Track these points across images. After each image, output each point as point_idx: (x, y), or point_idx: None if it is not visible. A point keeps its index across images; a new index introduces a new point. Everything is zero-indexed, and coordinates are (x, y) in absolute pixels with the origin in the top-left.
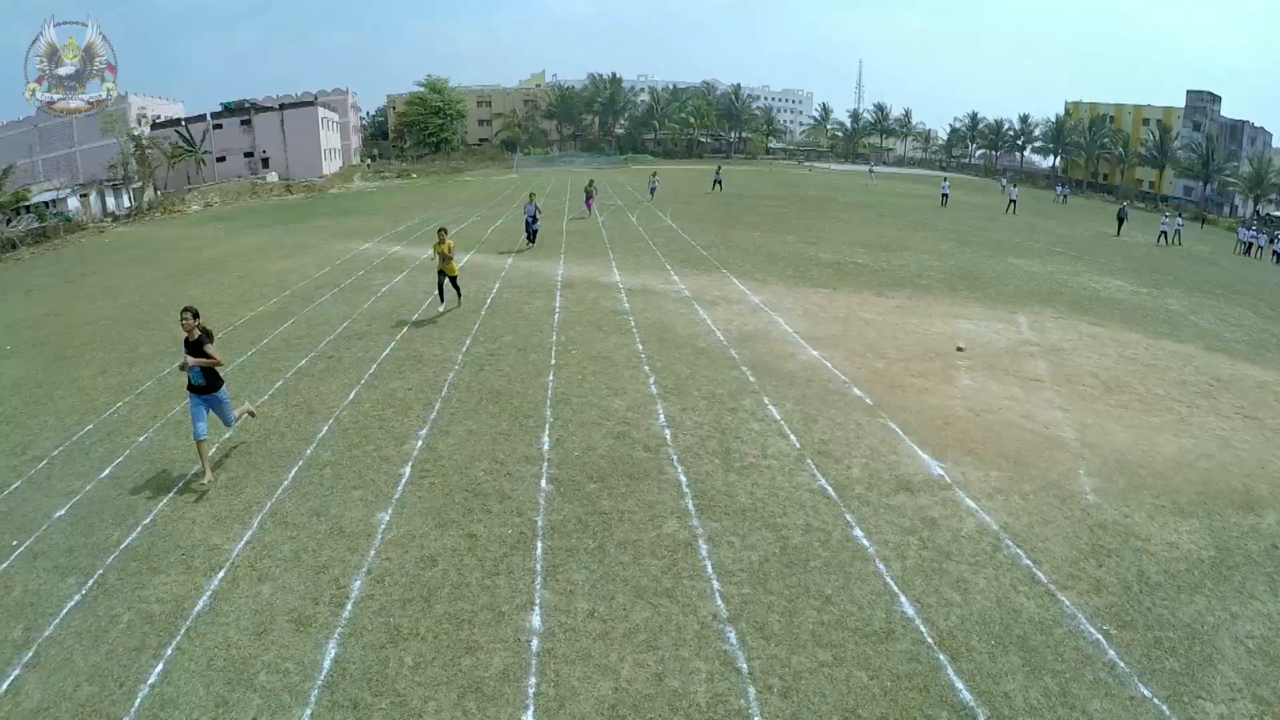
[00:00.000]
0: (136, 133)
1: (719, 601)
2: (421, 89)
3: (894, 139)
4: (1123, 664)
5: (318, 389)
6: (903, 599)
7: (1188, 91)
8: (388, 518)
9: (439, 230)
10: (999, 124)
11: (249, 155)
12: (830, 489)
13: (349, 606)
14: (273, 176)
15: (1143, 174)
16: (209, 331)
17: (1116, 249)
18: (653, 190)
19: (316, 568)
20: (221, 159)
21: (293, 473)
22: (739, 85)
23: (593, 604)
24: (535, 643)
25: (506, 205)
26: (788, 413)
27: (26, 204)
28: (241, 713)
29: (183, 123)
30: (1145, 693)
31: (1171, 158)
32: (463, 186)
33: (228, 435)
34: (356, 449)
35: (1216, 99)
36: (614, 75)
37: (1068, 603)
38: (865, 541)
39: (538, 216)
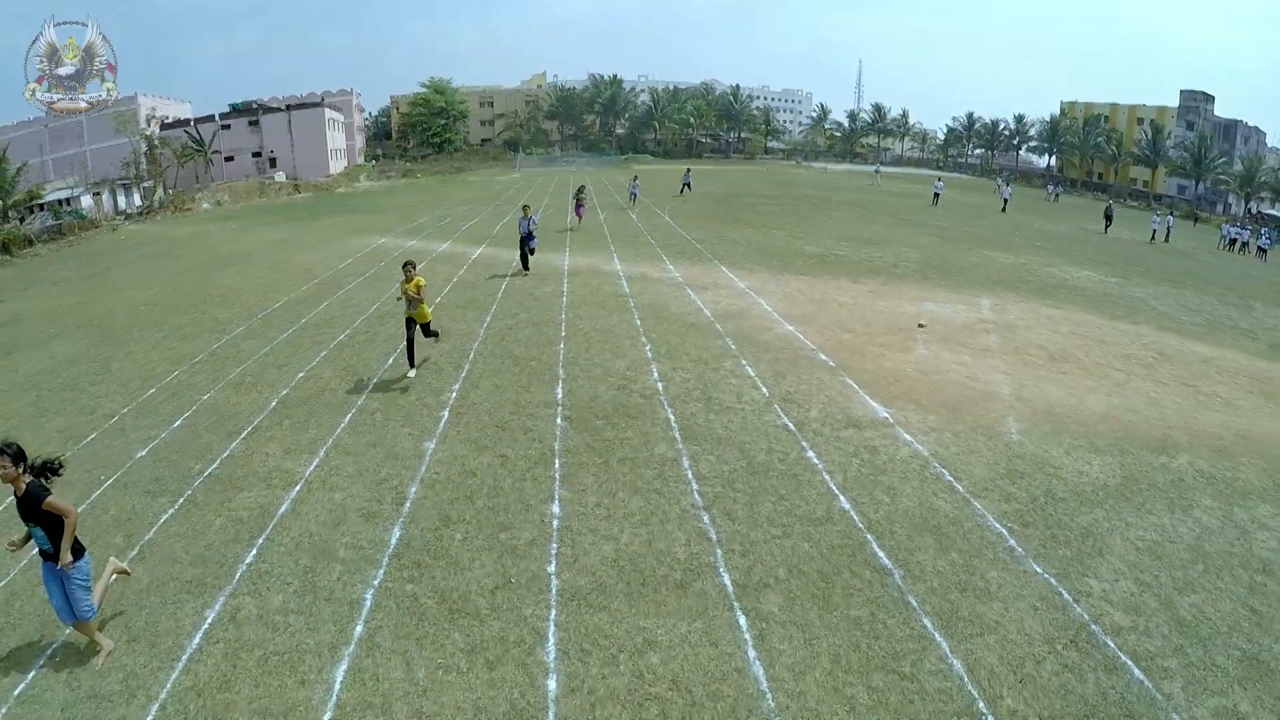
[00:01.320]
0: (148, 133)
1: (696, 496)
2: (425, 90)
3: (892, 139)
4: (1020, 549)
5: (360, 356)
6: (842, 498)
7: (1181, 91)
8: (433, 446)
9: (405, 266)
10: (995, 124)
11: (256, 155)
12: (791, 425)
13: (408, 504)
14: (280, 176)
15: (1137, 173)
16: (44, 469)
17: (1096, 244)
18: (634, 195)
19: (378, 480)
20: (229, 159)
21: (348, 417)
22: (737, 86)
23: (599, 498)
24: (555, 522)
25: (511, 204)
26: (761, 371)
27: (40, 202)
28: (326, 576)
29: (191, 123)
30: (1038, 569)
31: (1164, 157)
32: (467, 186)
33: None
34: (400, 399)
35: (1210, 98)
36: (614, 76)
37: (979, 506)
38: (815, 460)
39: (534, 234)
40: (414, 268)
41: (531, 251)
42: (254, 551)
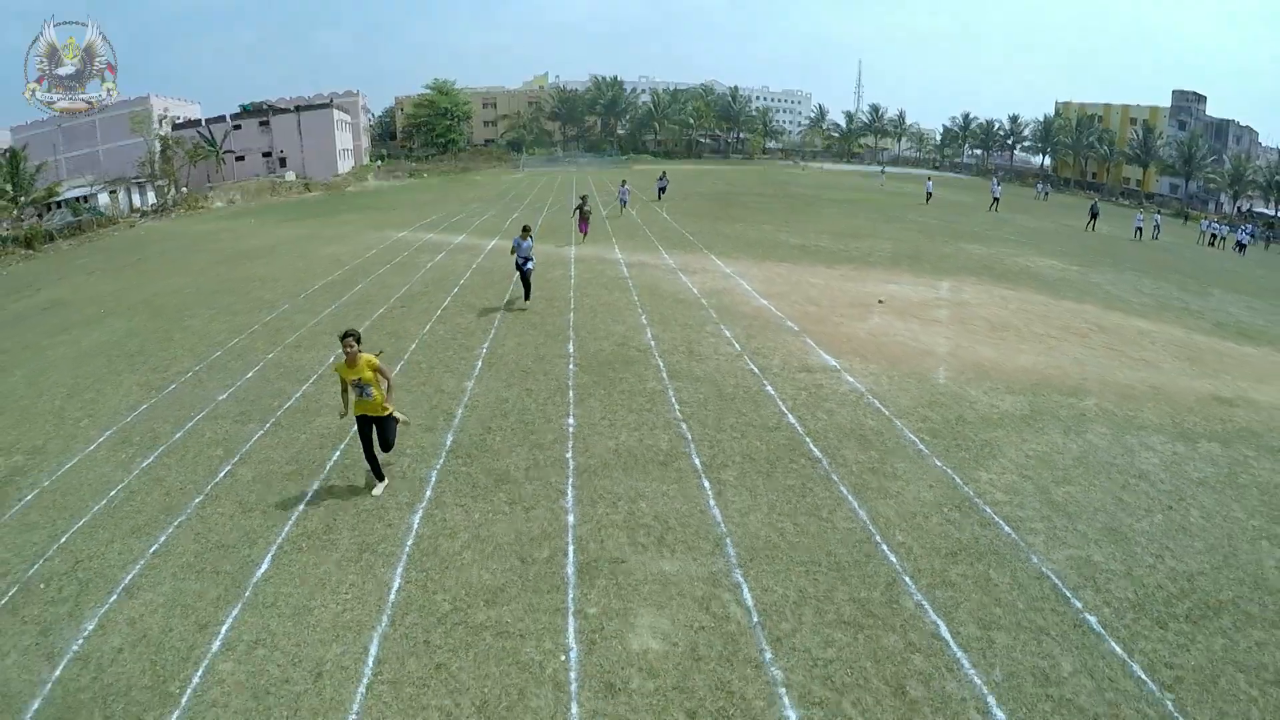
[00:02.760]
0: (163, 133)
1: (677, 413)
2: (429, 91)
3: (889, 139)
4: (927, 451)
5: (401, 324)
6: (789, 416)
7: (1173, 91)
8: (471, 384)
9: (344, 338)
10: (990, 124)
11: (267, 155)
12: (755, 369)
13: (456, 420)
14: (290, 175)
15: (1130, 172)
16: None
17: (1074, 239)
18: (623, 202)
19: (430, 406)
20: (240, 158)
21: (399, 366)
22: (736, 87)
23: (603, 414)
24: (571, 429)
25: (518, 202)
26: (736, 334)
27: (58, 199)
28: (399, 465)
29: (203, 123)
30: (938, 464)
31: (1155, 156)
32: (474, 185)
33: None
34: (441, 354)
35: (1202, 99)
36: (615, 78)
37: (899, 424)
38: (772, 392)
39: (533, 257)
40: (357, 340)
41: (530, 273)
42: (338, 453)
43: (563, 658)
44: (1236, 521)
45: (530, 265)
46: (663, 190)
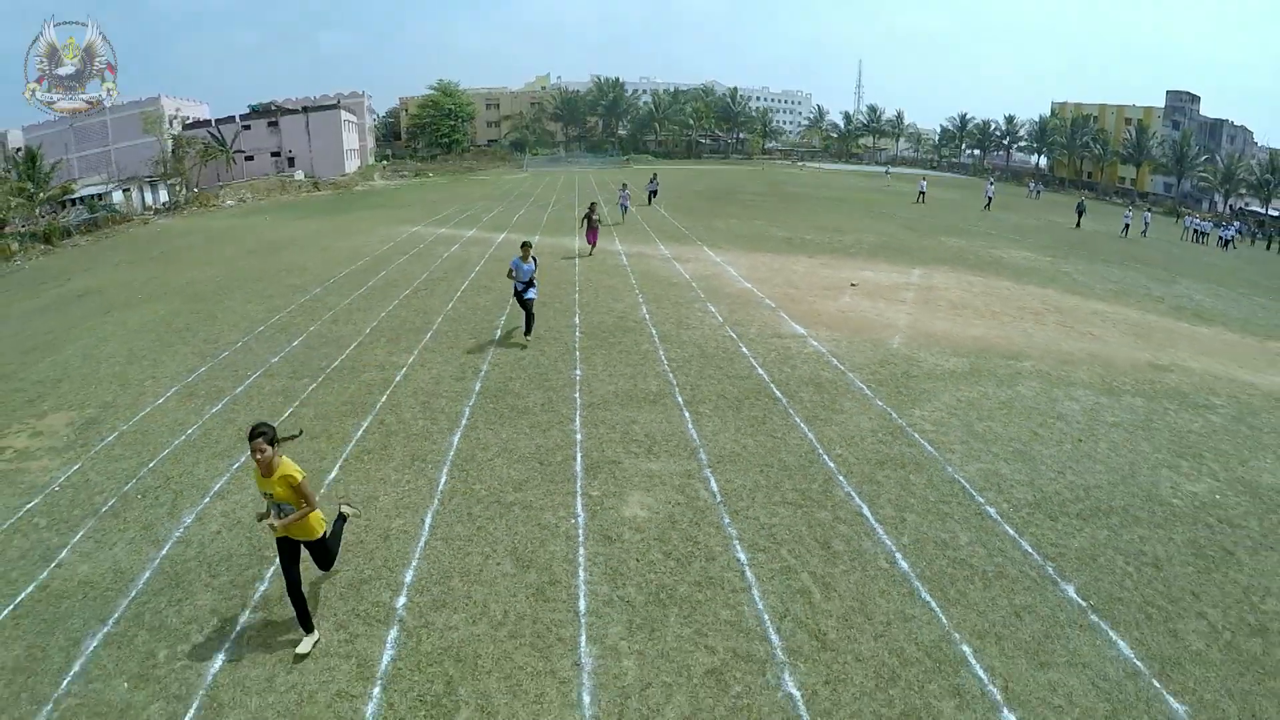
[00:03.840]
0: (175, 133)
1: (665, 366)
2: (433, 92)
3: (887, 139)
4: (870, 393)
5: (425, 303)
6: (759, 369)
7: (1167, 92)
8: (493, 348)
9: (252, 438)
10: (987, 124)
11: (275, 155)
12: (734, 336)
13: (482, 372)
14: (299, 174)
15: (1125, 171)
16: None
17: (1055, 234)
18: (624, 208)
19: (459, 364)
20: (250, 158)
21: (428, 335)
22: (735, 88)
23: (605, 367)
24: (578, 377)
25: (524, 200)
26: (720, 310)
27: (72, 197)
28: (437, 404)
29: (213, 123)
30: (879, 404)
31: (1148, 155)
32: (479, 184)
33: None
34: (464, 325)
35: (1196, 99)
36: (617, 79)
37: (851, 375)
38: (746, 352)
39: (535, 282)
40: (270, 442)
41: (531, 303)
42: (385, 396)
43: (573, 521)
44: (1142, 454)
45: (533, 293)
46: (653, 194)
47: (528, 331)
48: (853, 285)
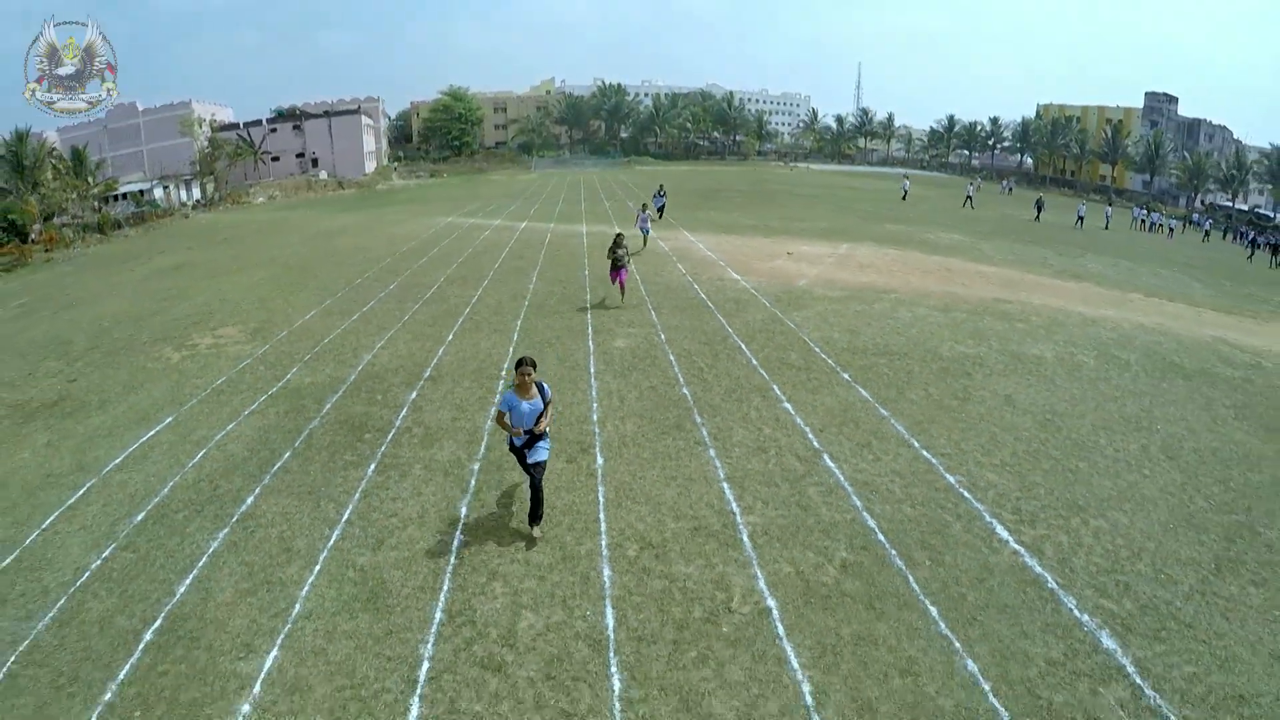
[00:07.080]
0: (209, 136)
1: (645, 294)
2: (444, 97)
3: (878, 141)
4: (769, 305)
5: (474, 268)
6: (702, 295)
7: (1145, 93)
8: (531, 284)
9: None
10: (973, 126)
11: (300, 156)
12: (691, 280)
13: (528, 297)
14: (324, 174)
15: (1105, 170)
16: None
17: (1003, 223)
18: (645, 233)
19: (512, 293)
20: (275, 159)
21: (485, 283)
22: (732, 92)
23: (606, 295)
24: (588, 301)
25: (537, 197)
26: (686, 268)
27: (116, 193)
28: (503, 314)
29: (241, 125)
30: (772, 309)
31: (1123, 154)
32: (493, 184)
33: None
34: (505, 282)
35: (1173, 99)
36: (619, 85)
37: (760, 297)
38: (697, 287)
39: (547, 434)
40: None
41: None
42: (468, 309)
43: (586, 347)
44: (941, 336)
45: (544, 454)
46: (661, 210)
47: (533, 520)
48: (789, 254)
